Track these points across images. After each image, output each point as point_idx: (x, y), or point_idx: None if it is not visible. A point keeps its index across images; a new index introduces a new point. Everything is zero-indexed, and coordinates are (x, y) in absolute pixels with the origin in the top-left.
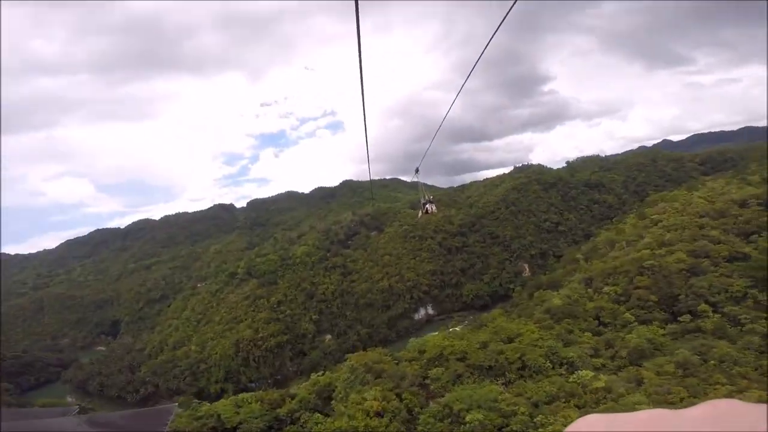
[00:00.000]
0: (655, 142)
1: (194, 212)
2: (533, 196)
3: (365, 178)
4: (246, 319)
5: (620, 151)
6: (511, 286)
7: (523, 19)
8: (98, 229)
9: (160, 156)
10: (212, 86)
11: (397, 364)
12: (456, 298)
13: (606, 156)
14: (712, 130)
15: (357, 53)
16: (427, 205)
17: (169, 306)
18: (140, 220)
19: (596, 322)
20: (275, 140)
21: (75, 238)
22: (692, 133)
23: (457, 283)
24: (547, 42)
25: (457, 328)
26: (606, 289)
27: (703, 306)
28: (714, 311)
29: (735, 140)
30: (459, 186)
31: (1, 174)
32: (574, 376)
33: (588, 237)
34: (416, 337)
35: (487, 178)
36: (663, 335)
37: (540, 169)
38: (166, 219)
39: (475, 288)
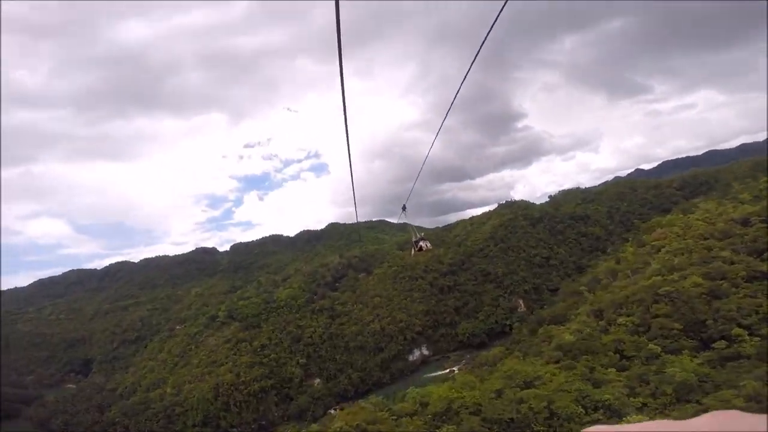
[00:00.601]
0: (629, 171)
1: (175, 255)
2: (521, 231)
3: (351, 220)
4: (227, 363)
5: (596, 183)
6: (508, 322)
7: (493, 58)
8: (73, 270)
9: (141, 197)
10: (194, 126)
11: (396, 420)
12: (451, 338)
13: (586, 188)
14: (679, 156)
15: (341, 96)
16: (421, 242)
17: (145, 347)
18: (118, 262)
19: (617, 356)
20: (259, 183)
21: (48, 278)
22: (662, 161)
23: (451, 322)
24: (516, 79)
25: (455, 369)
26: (621, 320)
27: (738, 330)
28: (750, 334)
29: (702, 164)
30: (445, 225)
31: None
32: (623, 421)
33: (580, 269)
34: (412, 379)
35: (473, 216)
36: (700, 365)
37: (525, 205)
38: (146, 261)
39: (470, 326)
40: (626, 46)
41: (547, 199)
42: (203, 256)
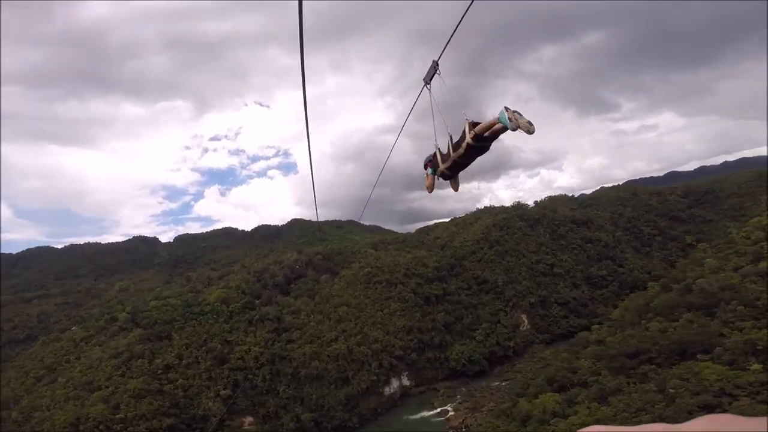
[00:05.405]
0: (593, 190)
1: (107, 243)
2: (519, 233)
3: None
4: (106, 387)
5: None
6: (511, 344)
7: (474, 64)
8: None
9: (93, 184)
10: (155, 114)
11: None
12: (440, 363)
13: (573, 196)
14: (641, 177)
15: (302, 92)
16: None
17: (30, 350)
18: (38, 247)
19: None
20: (223, 178)
21: None
22: (623, 181)
23: (440, 344)
24: (494, 87)
25: (449, 407)
26: None
27: None
28: None
29: (665, 184)
30: (421, 228)
31: None
32: None
33: (588, 279)
34: (388, 421)
35: (456, 217)
36: None
37: (518, 205)
38: (71, 248)
39: (466, 350)
40: (602, 59)
41: (533, 205)
42: (141, 246)
